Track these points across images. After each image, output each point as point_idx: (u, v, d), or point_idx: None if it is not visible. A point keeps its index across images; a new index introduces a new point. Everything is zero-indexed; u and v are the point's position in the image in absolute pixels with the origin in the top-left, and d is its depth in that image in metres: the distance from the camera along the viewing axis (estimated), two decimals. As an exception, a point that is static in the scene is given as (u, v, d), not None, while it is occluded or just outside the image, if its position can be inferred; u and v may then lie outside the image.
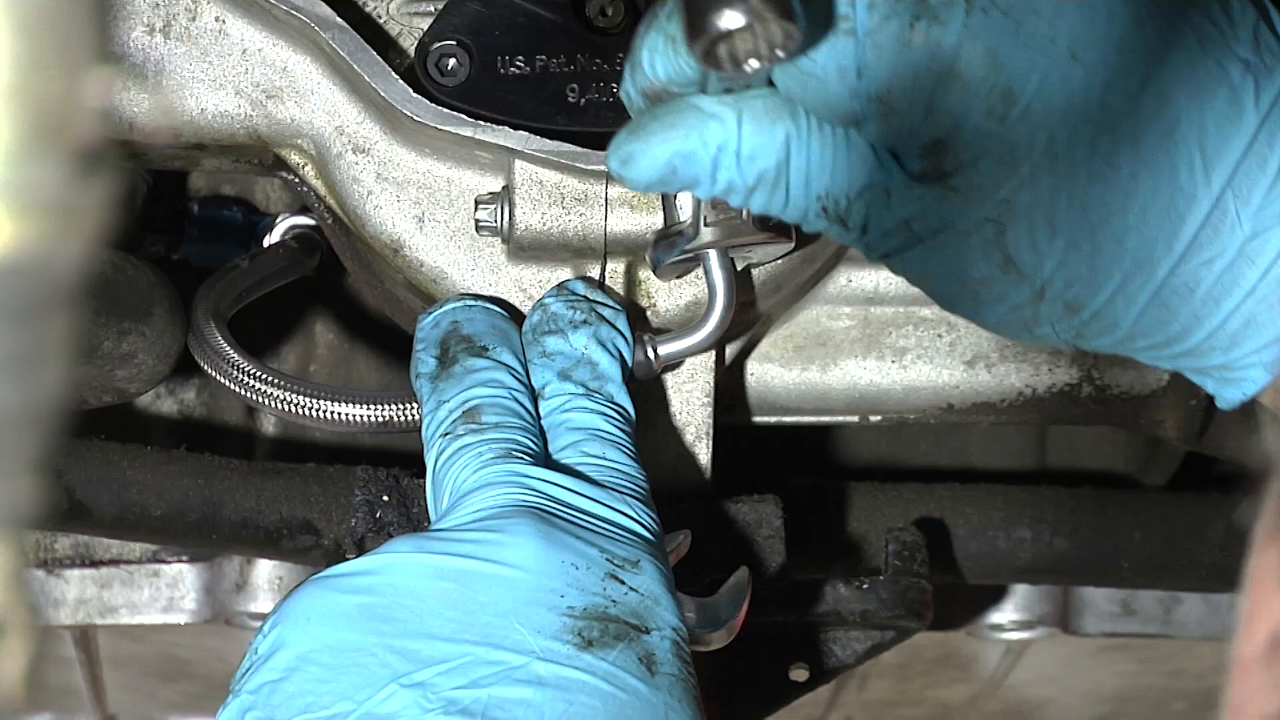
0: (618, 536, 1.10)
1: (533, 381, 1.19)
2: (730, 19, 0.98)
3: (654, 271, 1.23)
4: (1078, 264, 1.03)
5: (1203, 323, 1.04)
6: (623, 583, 1.07)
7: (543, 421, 1.18)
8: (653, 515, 1.14)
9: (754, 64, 0.99)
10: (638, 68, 1.08)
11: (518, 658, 1.02)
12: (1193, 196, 1.02)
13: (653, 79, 1.07)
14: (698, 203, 1.18)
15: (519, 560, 1.05)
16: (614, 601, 1.05)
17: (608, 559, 1.07)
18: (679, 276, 1.26)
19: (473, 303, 1.23)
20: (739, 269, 1.25)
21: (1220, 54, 1.02)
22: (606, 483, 1.14)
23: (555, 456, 1.16)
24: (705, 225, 1.19)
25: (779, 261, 1.29)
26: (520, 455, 1.13)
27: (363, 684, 1.01)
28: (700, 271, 1.24)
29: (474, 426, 1.14)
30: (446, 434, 1.14)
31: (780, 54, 0.99)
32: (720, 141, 1.05)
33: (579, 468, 1.15)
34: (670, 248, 1.21)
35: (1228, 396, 1.09)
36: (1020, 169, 1.02)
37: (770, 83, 1.06)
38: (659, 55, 1.06)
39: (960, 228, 1.04)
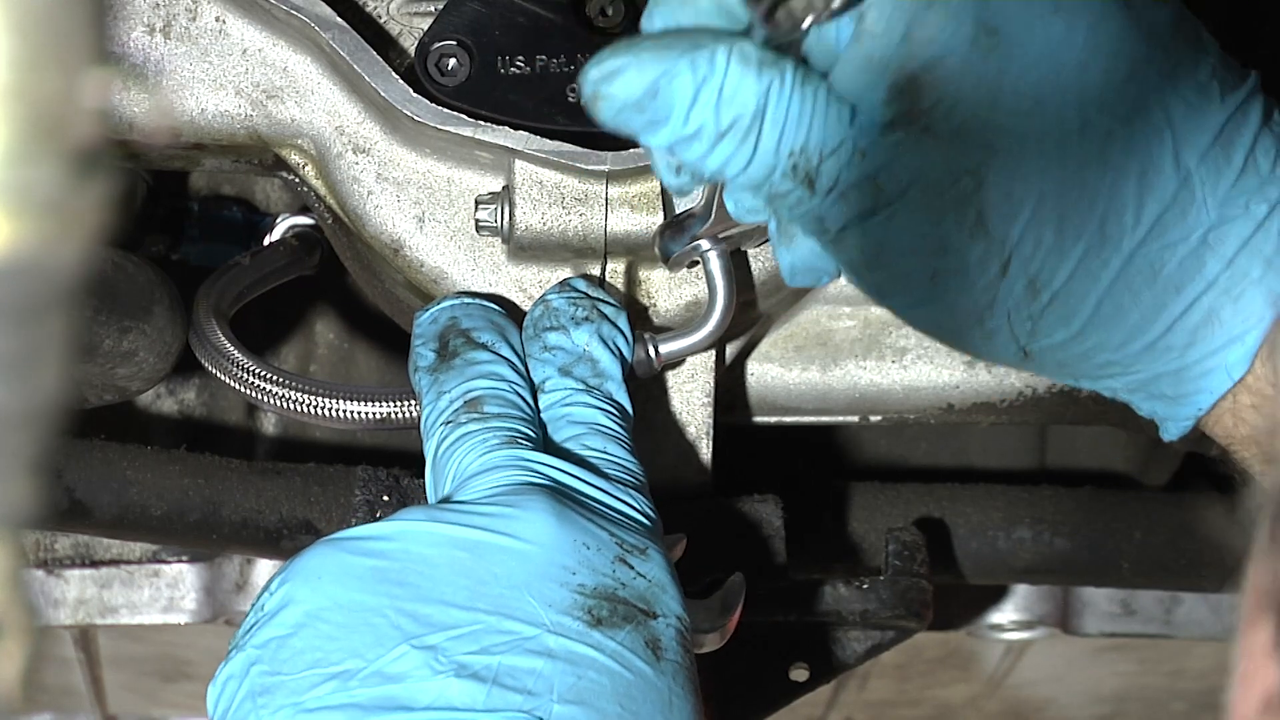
0: (625, 523, 1.11)
1: (533, 376, 1.20)
2: None
3: (665, 263, 1.22)
4: (1048, 227, 1.01)
5: (1162, 312, 1.03)
6: (631, 567, 1.07)
7: (542, 415, 1.18)
8: (654, 510, 1.14)
9: (809, 21, 0.99)
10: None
11: (529, 629, 1.03)
12: (1161, 170, 1.02)
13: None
14: (714, 186, 1.17)
15: (532, 535, 1.06)
16: (623, 584, 1.06)
17: (617, 543, 1.08)
18: (690, 267, 1.26)
19: (470, 300, 1.24)
20: (742, 248, 1.25)
21: (1192, 55, 1.03)
22: (610, 475, 1.14)
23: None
24: (716, 206, 1.18)
25: (779, 261, 1.29)
26: (525, 443, 1.13)
27: (374, 643, 1.02)
28: (701, 271, 1.24)
29: (476, 416, 1.15)
30: (449, 422, 1.15)
31: (835, 6, 0.98)
32: (707, 72, 1.01)
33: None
34: (680, 234, 1.20)
35: (1181, 416, 1.07)
36: (1001, 114, 1.00)
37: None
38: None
39: (934, 178, 1.01)
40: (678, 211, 1.22)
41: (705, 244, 1.21)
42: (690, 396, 1.30)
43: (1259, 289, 1.03)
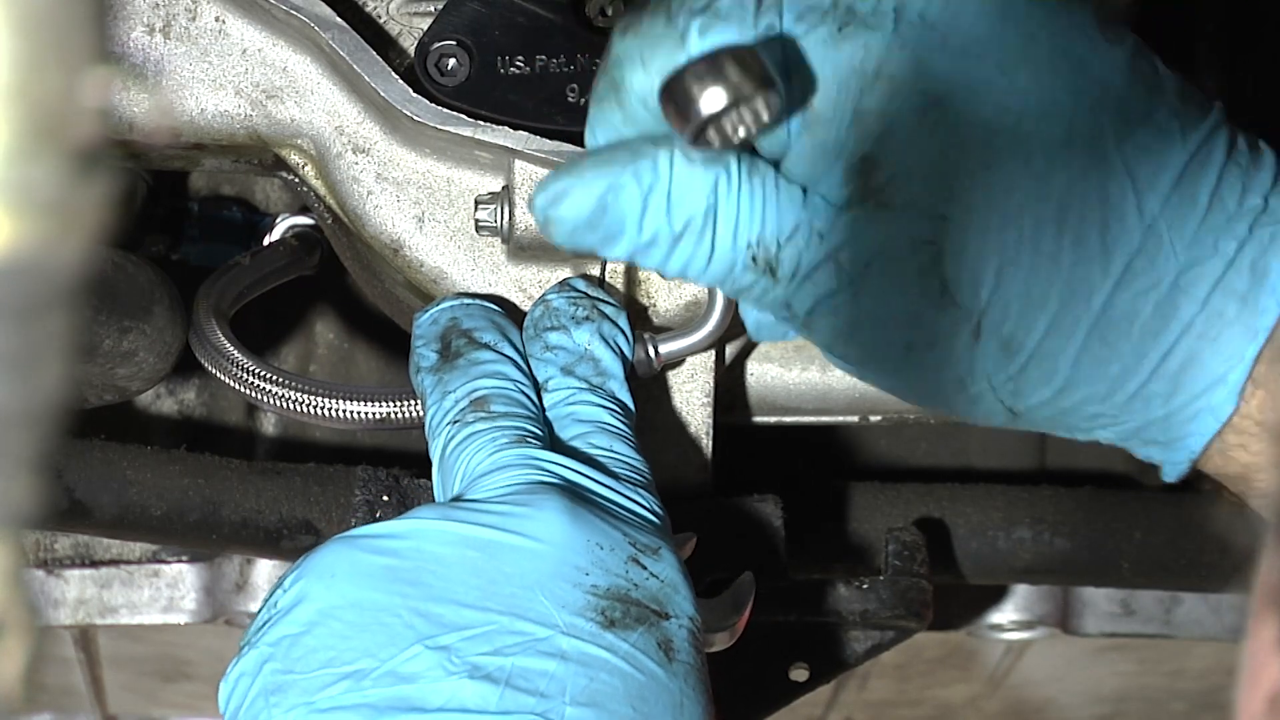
0: (637, 523, 1.11)
1: (535, 376, 1.20)
2: (712, 101, 0.98)
3: (661, 274, 1.23)
4: (1014, 288, 1.01)
5: (1142, 361, 1.03)
6: (644, 567, 1.07)
7: (547, 414, 1.18)
8: (662, 509, 1.14)
9: (742, 134, 0.99)
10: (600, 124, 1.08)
11: (542, 630, 1.02)
12: (1124, 220, 1.01)
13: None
14: None
15: (545, 535, 1.06)
16: (635, 585, 1.06)
17: (630, 543, 1.08)
18: None
19: (470, 300, 1.24)
20: None
21: (1147, 97, 1.03)
22: (619, 474, 1.14)
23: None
24: None
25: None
26: (533, 442, 1.13)
27: (387, 643, 1.02)
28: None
29: (483, 415, 1.15)
30: (455, 421, 1.15)
31: (765, 121, 0.99)
32: (652, 180, 1.03)
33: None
34: None
35: (1176, 460, 1.07)
36: (954, 182, 1.01)
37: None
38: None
39: (895, 252, 1.02)
40: None
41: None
42: (690, 396, 1.30)
43: (1236, 327, 1.02)
